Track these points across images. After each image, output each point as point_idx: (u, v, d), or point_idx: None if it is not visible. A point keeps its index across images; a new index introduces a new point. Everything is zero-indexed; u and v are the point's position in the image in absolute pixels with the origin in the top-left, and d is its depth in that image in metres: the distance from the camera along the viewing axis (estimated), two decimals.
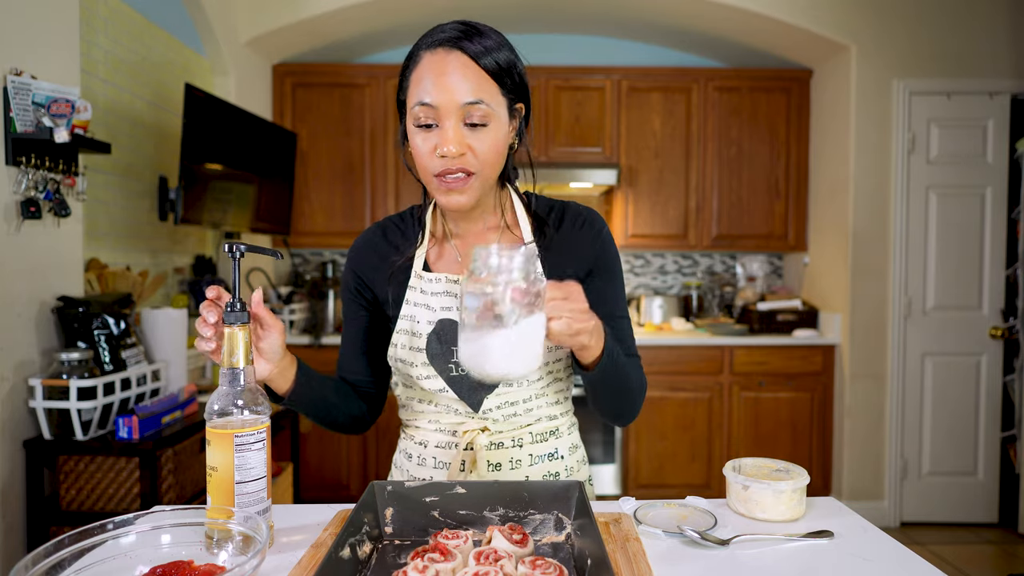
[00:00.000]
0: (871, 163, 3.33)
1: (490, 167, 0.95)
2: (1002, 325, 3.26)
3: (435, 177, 0.93)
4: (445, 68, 0.90)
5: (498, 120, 0.93)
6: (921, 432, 3.37)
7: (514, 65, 0.96)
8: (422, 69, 0.92)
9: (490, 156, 0.93)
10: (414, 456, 1.07)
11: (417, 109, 0.91)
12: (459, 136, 0.91)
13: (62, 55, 1.93)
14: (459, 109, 0.90)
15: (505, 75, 0.94)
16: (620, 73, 3.64)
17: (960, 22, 3.28)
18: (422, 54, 0.93)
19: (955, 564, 2.89)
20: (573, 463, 1.09)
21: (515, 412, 1.02)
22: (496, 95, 0.93)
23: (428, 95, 0.90)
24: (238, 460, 0.78)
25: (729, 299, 3.94)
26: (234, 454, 0.78)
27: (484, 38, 0.93)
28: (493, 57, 0.92)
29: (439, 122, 0.91)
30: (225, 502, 0.78)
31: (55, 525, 1.76)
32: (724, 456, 3.42)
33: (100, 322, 1.87)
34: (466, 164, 0.92)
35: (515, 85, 0.96)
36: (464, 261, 1.04)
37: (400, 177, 3.63)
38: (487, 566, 0.69)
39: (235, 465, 0.78)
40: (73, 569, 0.68)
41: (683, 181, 3.69)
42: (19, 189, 1.75)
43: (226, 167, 2.85)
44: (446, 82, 0.90)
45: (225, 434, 0.78)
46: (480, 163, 0.93)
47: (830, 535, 0.88)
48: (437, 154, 0.91)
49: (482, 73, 0.91)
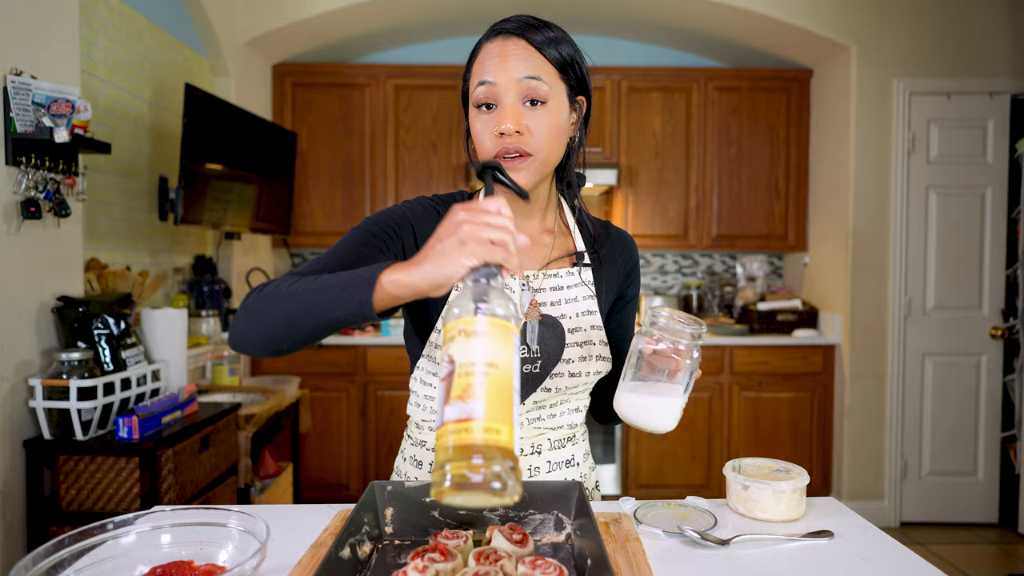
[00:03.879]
0: (871, 163, 3.33)
1: (547, 150, 0.92)
2: (1002, 325, 3.26)
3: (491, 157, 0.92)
4: (506, 52, 0.91)
5: (557, 102, 0.93)
6: (921, 432, 3.37)
7: (576, 59, 0.96)
8: (483, 55, 0.93)
9: (548, 137, 0.92)
10: (424, 463, 1.03)
11: (477, 91, 0.92)
12: (517, 113, 0.90)
13: (62, 55, 1.93)
14: (517, 84, 0.90)
15: (567, 66, 0.94)
16: (620, 73, 3.64)
17: (960, 22, 3.28)
18: (483, 44, 0.94)
19: (955, 564, 2.89)
20: (586, 469, 1.09)
21: (540, 416, 1.02)
22: (556, 79, 0.93)
23: (488, 74, 0.91)
24: (516, 362, 0.62)
25: (729, 299, 3.94)
26: (514, 353, 0.62)
27: (548, 29, 0.93)
28: (556, 48, 0.93)
29: (498, 101, 0.91)
30: (504, 407, 0.59)
31: (55, 525, 1.76)
32: (724, 456, 3.42)
33: (100, 322, 1.87)
34: (523, 144, 0.90)
35: (577, 78, 0.96)
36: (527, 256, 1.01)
37: (400, 177, 3.63)
38: (487, 566, 0.69)
39: (514, 366, 0.62)
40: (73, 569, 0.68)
41: (683, 181, 3.69)
42: (19, 189, 1.75)
43: (226, 167, 2.85)
44: (506, 60, 0.90)
45: (508, 328, 0.62)
46: (537, 144, 0.91)
47: (830, 535, 0.88)
48: (495, 132, 0.90)
49: (543, 58, 0.92)
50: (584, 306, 1.02)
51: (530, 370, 0.99)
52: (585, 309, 1.02)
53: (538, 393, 1.00)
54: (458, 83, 3.59)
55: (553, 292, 1.01)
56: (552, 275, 1.02)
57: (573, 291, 1.02)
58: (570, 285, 1.02)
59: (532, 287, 1.01)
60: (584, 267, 1.04)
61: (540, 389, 0.99)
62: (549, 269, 1.03)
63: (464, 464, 0.56)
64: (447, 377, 0.60)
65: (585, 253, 1.05)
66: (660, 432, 0.89)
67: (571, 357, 1.00)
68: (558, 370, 1.00)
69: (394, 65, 3.66)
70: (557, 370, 1.00)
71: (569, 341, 1.00)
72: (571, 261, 1.05)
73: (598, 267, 1.06)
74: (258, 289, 0.85)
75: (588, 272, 1.04)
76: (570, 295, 1.02)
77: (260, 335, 0.83)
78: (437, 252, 0.67)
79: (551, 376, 0.99)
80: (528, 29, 0.92)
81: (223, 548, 0.75)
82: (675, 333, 0.84)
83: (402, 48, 3.94)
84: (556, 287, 1.02)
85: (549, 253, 1.04)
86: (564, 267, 1.04)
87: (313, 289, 0.78)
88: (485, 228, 0.65)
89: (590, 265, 1.05)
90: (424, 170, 3.63)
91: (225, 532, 0.76)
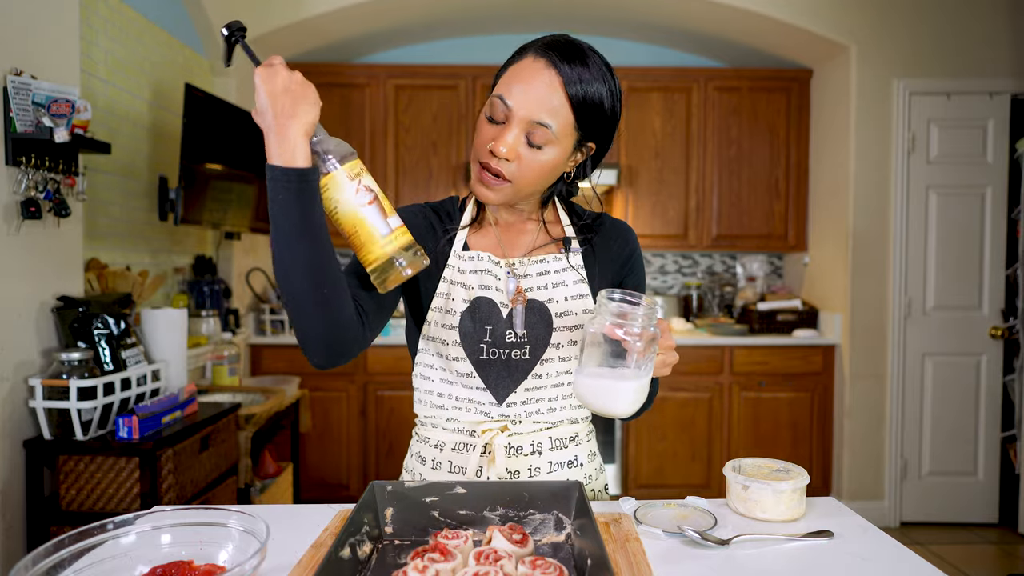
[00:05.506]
0: (871, 163, 3.33)
1: (527, 184, 0.96)
2: (1002, 325, 3.26)
3: (478, 163, 0.96)
4: (534, 79, 0.92)
5: (558, 148, 0.95)
6: (921, 432, 3.37)
7: (601, 104, 0.95)
8: (518, 68, 0.94)
9: (532, 175, 0.95)
10: (428, 460, 1.05)
11: (496, 100, 0.94)
12: (514, 144, 0.93)
13: (62, 55, 1.93)
14: (525, 121, 0.92)
15: (587, 109, 0.94)
16: (620, 73, 3.61)
17: (960, 22, 3.28)
18: (528, 54, 0.95)
19: (955, 564, 2.89)
20: (592, 471, 1.08)
21: (538, 410, 1.02)
22: (568, 125, 0.94)
23: (509, 95, 0.93)
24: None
25: (729, 299, 3.94)
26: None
27: (585, 67, 0.93)
28: (584, 87, 0.93)
29: (506, 122, 0.93)
30: (372, 244, 0.85)
31: (55, 525, 1.76)
32: (724, 456, 3.42)
33: (100, 322, 1.87)
34: (505, 170, 0.94)
35: (593, 123, 0.96)
36: (507, 245, 1.06)
37: (400, 177, 3.63)
38: (487, 566, 0.69)
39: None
40: (73, 569, 0.68)
41: (683, 181, 3.69)
42: (19, 189, 1.75)
43: (226, 167, 2.85)
44: (528, 92, 0.92)
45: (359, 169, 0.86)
46: (520, 175, 0.95)
47: (830, 535, 0.88)
48: (489, 147, 0.94)
49: (565, 99, 0.92)
50: (574, 290, 1.03)
51: (519, 356, 0.99)
52: (576, 293, 1.02)
53: (529, 380, 1.00)
54: (458, 83, 3.60)
55: (539, 277, 1.02)
56: (538, 260, 1.03)
57: (561, 275, 1.03)
58: (557, 270, 1.03)
59: (517, 273, 1.02)
60: (572, 252, 1.05)
61: (531, 376, 1.00)
62: (535, 255, 1.04)
63: (410, 254, 0.85)
64: (374, 200, 0.84)
65: (573, 239, 1.06)
66: (618, 416, 0.88)
67: (560, 341, 1.00)
68: (548, 355, 1.00)
69: (394, 65, 3.66)
70: (547, 355, 1.00)
71: (558, 325, 1.00)
72: (559, 247, 1.06)
73: (591, 253, 1.06)
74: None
75: (577, 257, 1.05)
76: (557, 279, 1.03)
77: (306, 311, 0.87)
78: (291, 119, 0.80)
79: (541, 362, 1.00)
80: (565, 62, 0.92)
81: (223, 548, 0.75)
82: (623, 315, 0.83)
83: (402, 48, 3.94)
84: (542, 272, 1.03)
85: (535, 240, 1.06)
86: (551, 253, 1.05)
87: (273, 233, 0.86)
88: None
89: (579, 250, 1.05)
90: (424, 170, 3.63)
91: (225, 532, 0.76)
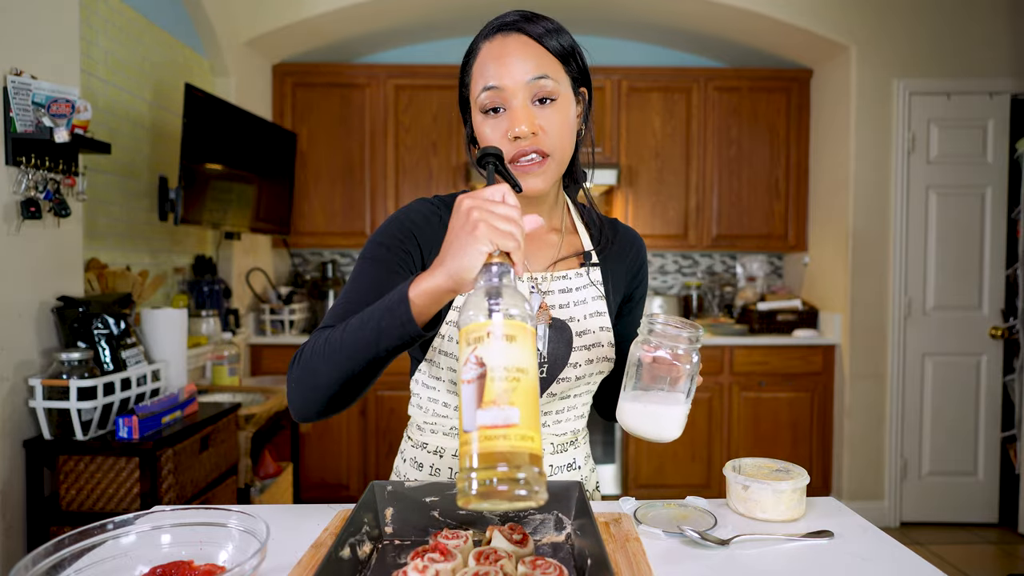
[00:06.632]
0: (871, 163, 3.33)
1: (562, 148, 0.91)
2: (1002, 325, 3.26)
3: (509, 164, 0.89)
4: (506, 50, 0.88)
5: (565, 96, 0.91)
6: (921, 432, 3.37)
7: (576, 49, 0.94)
8: (483, 57, 0.90)
9: (561, 134, 0.90)
10: (426, 466, 1.02)
11: (483, 96, 0.89)
12: (529, 114, 0.87)
13: (62, 55, 1.93)
14: (525, 87, 0.87)
15: (569, 56, 0.92)
16: (620, 73, 3.64)
17: (960, 22, 3.28)
18: (481, 44, 0.92)
19: (955, 564, 2.89)
20: (587, 471, 1.08)
21: (545, 423, 1.00)
22: (560, 73, 0.91)
23: (492, 78, 0.88)
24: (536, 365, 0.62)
25: (729, 299, 3.94)
26: (535, 356, 0.61)
27: (544, 21, 0.92)
28: (556, 39, 0.91)
29: (506, 104, 0.88)
30: (535, 412, 0.59)
31: (55, 525, 1.76)
32: (724, 456, 3.42)
33: (100, 322, 1.87)
34: (540, 144, 0.88)
35: (579, 68, 0.94)
36: (528, 257, 0.98)
37: (400, 177, 3.63)
38: (487, 566, 0.69)
39: (536, 370, 0.62)
40: (73, 569, 0.68)
41: (683, 181, 3.69)
42: (19, 189, 1.75)
43: (226, 167, 2.85)
44: (509, 62, 0.87)
45: (531, 331, 0.61)
46: (552, 143, 0.89)
47: (830, 535, 0.88)
48: (509, 137, 0.87)
49: (545, 52, 0.90)
50: (593, 307, 1.00)
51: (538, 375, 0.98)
52: (594, 310, 1.00)
53: (544, 398, 0.98)
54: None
55: (562, 295, 0.99)
56: (560, 276, 1.00)
57: (582, 292, 1.00)
58: (578, 287, 1.00)
59: (540, 289, 0.98)
60: (592, 267, 1.02)
61: (546, 394, 0.98)
62: (557, 270, 1.00)
63: (491, 472, 0.55)
64: (476, 380, 0.58)
65: (593, 252, 1.03)
66: (665, 441, 0.88)
67: (578, 361, 0.98)
68: (565, 374, 0.98)
69: (394, 65, 3.66)
70: (564, 374, 0.98)
71: (577, 344, 0.98)
72: (579, 261, 1.02)
73: (606, 267, 1.04)
74: (296, 357, 0.84)
75: (597, 272, 1.02)
76: (579, 297, 1.00)
77: (320, 400, 0.81)
78: (454, 247, 0.68)
79: (557, 381, 0.97)
80: (526, 22, 0.90)
81: (223, 548, 0.75)
82: (672, 339, 0.83)
83: (402, 48, 3.94)
84: (564, 289, 0.99)
85: (557, 253, 1.02)
86: (572, 267, 1.02)
87: (351, 332, 0.77)
88: (492, 215, 0.65)
89: (598, 264, 1.03)
90: (424, 170, 3.63)
91: (225, 532, 0.76)
